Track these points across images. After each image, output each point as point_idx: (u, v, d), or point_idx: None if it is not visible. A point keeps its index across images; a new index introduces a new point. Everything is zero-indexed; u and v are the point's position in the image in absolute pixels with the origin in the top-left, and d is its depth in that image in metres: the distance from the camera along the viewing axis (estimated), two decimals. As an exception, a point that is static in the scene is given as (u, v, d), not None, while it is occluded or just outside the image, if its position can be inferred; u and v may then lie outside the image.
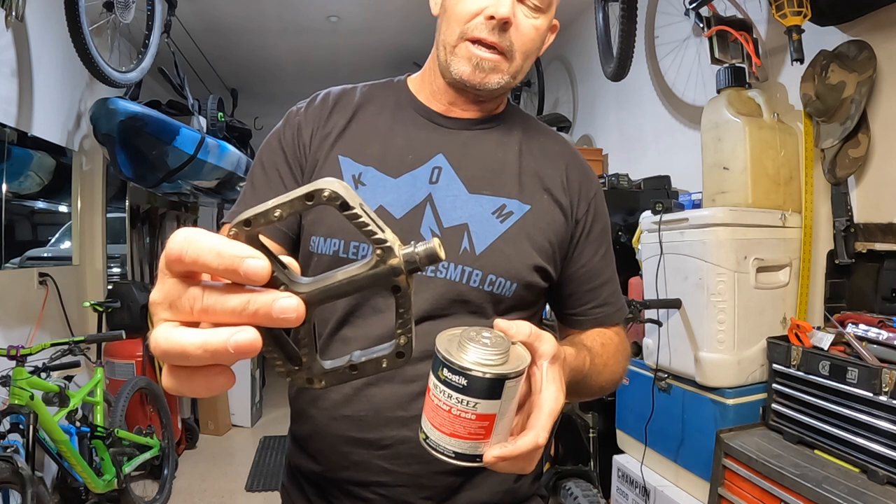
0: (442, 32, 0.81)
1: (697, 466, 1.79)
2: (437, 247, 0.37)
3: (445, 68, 0.80)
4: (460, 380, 0.49)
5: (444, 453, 0.52)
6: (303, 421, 0.83)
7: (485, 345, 0.50)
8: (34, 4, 2.58)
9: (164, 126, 3.02)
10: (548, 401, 0.54)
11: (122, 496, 2.53)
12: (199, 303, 0.33)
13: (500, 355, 0.50)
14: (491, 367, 0.49)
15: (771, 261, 1.81)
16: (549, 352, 0.56)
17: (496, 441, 0.52)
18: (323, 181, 0.35)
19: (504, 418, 0.52)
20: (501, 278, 0.77)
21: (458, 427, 0.51)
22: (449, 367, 0.49)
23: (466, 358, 0.49)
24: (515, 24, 0.76)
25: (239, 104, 4.88)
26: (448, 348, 0.50)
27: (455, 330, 0.53)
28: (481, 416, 0.50)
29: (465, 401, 0.49)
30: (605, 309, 0.87)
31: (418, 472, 0.75)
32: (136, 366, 3.15)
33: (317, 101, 0.88)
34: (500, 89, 0.80)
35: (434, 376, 0.51)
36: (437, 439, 0.52)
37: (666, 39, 2.73)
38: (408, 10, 3.58)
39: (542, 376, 0.55)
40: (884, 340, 1.45)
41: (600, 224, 0.87)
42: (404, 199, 0.79)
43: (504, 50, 0.77)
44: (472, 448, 0.51)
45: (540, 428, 0.53)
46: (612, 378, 0.81)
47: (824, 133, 1.83)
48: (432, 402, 0.52)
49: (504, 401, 0.50)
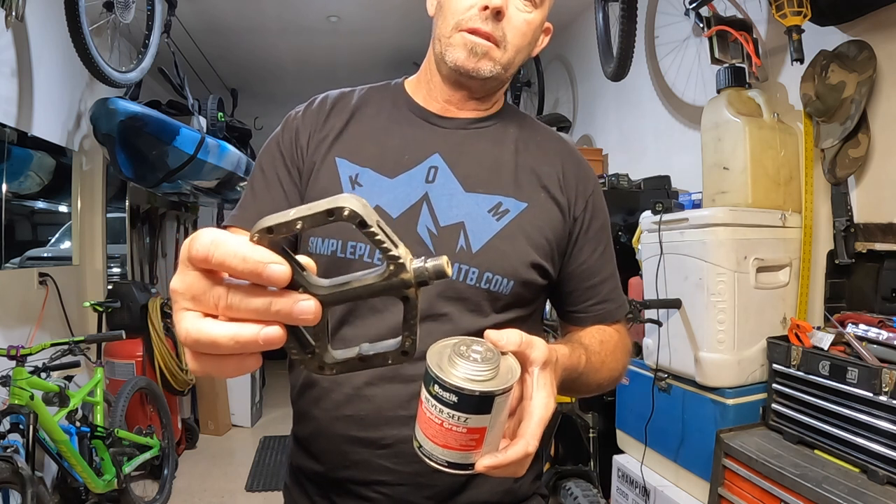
0: (438, 27, 0.83)
1: (697, 466, 1.79)
2: (444, 264, 0.41)
3: (441, 60, 0.82)
4: (451, 396, 0.50)
5: (437, 462, 0.54)
6: (305, 422, 0.84)
7: (475, 360, 0.51)
8: (34, 4, 2.57)
9: (164, 126, 3.01)
10: (538, 408, 0.55)
11: (122, 496, 2.53)
12: (223, 301, 0.36)
13: (489, 370, 0.51)
14: (480, 384, 0.50)
15: (771, 261, 1.81)
16: (540, 358, 0.57)
17: (487, 450, 0.53)
18: (343, 198, 0.37)
19: (495, 429, 0.53)
20: (498, 276, 0.78)
21: (450, 439, 0.52)
22: (440, 384, 0.50)
23: (456, 374, 0.50)
24: (508, 16, 0.78)
25: (239, 104, 4.88)
26: (439, 363, 0.51)
27: (447, 342, 0.54)
28: (472, 429, 0.51)
29: (456, 416, 0.51)
30: (606, 306, 0.87)
31: (419, 471, 0.75)
32: (136, 366, 3.15)
33: (314, 105, 0.89)
34: (492, 79, 0.81)
35: (426, 390, 0.52)
36: (431, 449, 0.53)
37: (666, 39, 2.73)
38: (408, 10, 3.58)
39: (534, 383, 0.56)
40: (884, 340, 1.45)
41: (599, 221, 0.87)
42: (401, 199, 0.79)
43: (497, 40, 0.78)
44: (464, 458, 0.53)
45: (530, 436, 0.54)
46: (611, 375, 0.81)
47: (824, 133, 1.83)
48: (424, 415, 0.53)
49: (494, 414, 0.51)
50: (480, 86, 0.83)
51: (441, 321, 0.76)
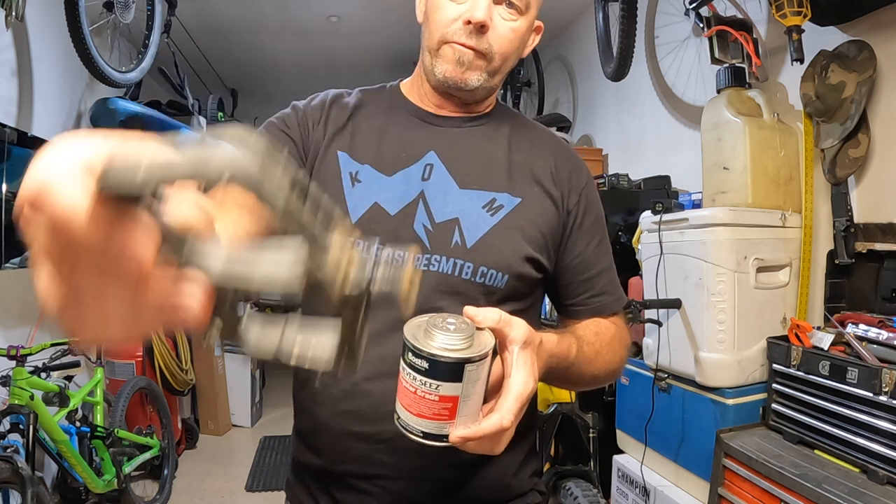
0: (425, 39, 0.84)
1: (697, 466, 1.79)
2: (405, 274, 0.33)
3: (430, 72, 0.83)
4: (423, 363, 0.53)
5: (413, 432, 0.56)
6: (305, 417, 0.85)
7: (448, 331, 0.54)
8: (34, 4, 2.57)
9: (164, 126, 3.02)
10: (516, 385, 0.56)
11: (122, 496, 2.53)
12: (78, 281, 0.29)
13: (462, 340, 0.53)
14: (451, 352, 0.53)
15: (771, 261, 1.81)
16: (519, 337, 0.58)
17: (462, 423, 0.55)
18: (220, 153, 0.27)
19: (469, 401, 0.55)
20: (493, 270, 0.79)
21: (424, 408, 0.54)
22: (413, 352, 0.53)
23: (430, 343, 0.53)
24: (493, 27, 0.79)
25: (239, 104, 4.88)
26: (415, 334, 0.54)
27: (424, 317, 0.56)
28: (444, 397, 0.53)
29: (428, 383, 0.53)
30: (602, 298, 0.88)
31: (418, 465, 0.77)
32: (136, 366, 3.15)
33: (315, 101, 0.91)
34: (480, 89, 0.83)
35: (402, 360, 0.55)
36: (407, 419, 0.56)
37: (666, 39, 2.73)
38: (407, 9, 3.54)
39: (513, 361, 0.57)
40: (884, 340, 1.45)
41: (593, 214, 0.89)
42: (398, 197, 0.81)
43: (483, 52, 0.80)
44: (438, 428, 0.55)
45: (505, 411, 0.55)
46: (607, 367, 0.82)
47: (824, 133, 1.83)
48: (402, 385, 0.56)
49: (466, 383, 0.53)
50: (470, 95, 0.85)
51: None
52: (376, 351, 0.76)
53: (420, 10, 0.87)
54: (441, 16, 0.80)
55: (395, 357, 0.76)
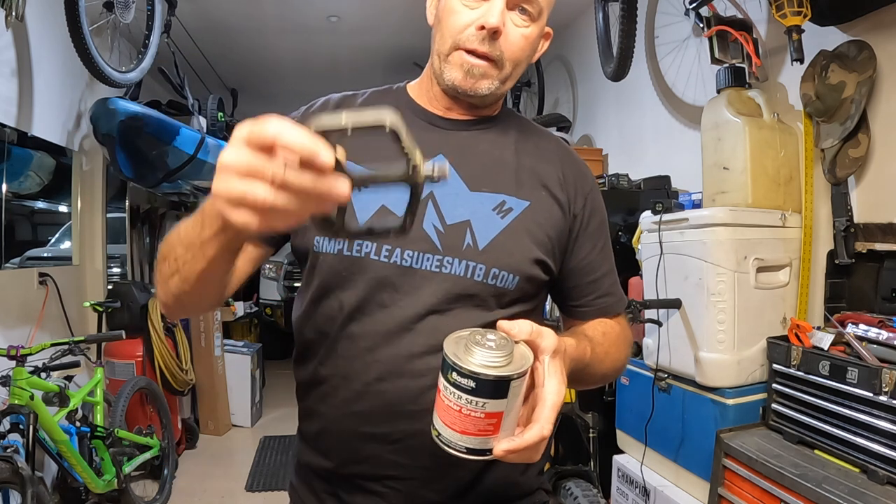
0: (436, 42, 0.84)
1: (697, 466, 1.79)
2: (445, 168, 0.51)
3: (440, 76, 0.83)
4: (469, 382, 0.53)
5: (457, 449, 0.56)
6: (312, 418, 0.85)
7: (490, 348, 0.54)
8: (34, 4, 2.57)
9: (164, 126, 3.02)
10: (550, 394, 0.58)
11: (122, 496, 2.53)
12: (280, 176, 0.44)
13: (504, 357, 0.54)
14: (497, 370, 0.53)
15: (771, 261, 1.81)
16: (550, 347, 0.60)
17: (504, 435, 0.56)
18: (384, 113, 0.47)
19: (511, 414, 0.55)
20: (504, 272, 0.80)
21: (469, 425, 0.54)
22: (458, 371, 0.53)
23: (473, 361, 0.53)
24: (505, 33, 0.79)
25: (239, 104, 4.87)
26: (456, 352, 0.54)
27: (462, 332, 0.57)
28: (490, 414, 0.54)
29: (475, 401, 0.53)
30: (607, 299, 0.90)
31: (429, 465, 0.77)
32: (136, 366, 3.15)
33: (316, 106, 0.91)
34: (490, 95, 0.83)
35: (444, 378, 0.55)
36: (449, 436, 0.56)
37: (666, 39, 2.73)
38: (408, 9, 3.57)
39: (545, 370, 0.59)
40: (884, 340, 1.45)
41: (598, 217, 0.90)
42: (406, 198, 0.80)
43: (494, 59, 0.80)
44: (483, 443, 0.56)
45: (544, 420, 0.57)
46: (614, 366, 0.84)
47: (824, 133, 1.83)
48: (443, 403, 0.56)
49: (510, 399, 0.54)
50: (480, 101, 0.85)
51: (448, 315, 0.78)
52: (388, 351, 0.77)
53: (431, 12, 0.86)
54: (455, 20, 0.79)
55: (407, 357, 0.76)
